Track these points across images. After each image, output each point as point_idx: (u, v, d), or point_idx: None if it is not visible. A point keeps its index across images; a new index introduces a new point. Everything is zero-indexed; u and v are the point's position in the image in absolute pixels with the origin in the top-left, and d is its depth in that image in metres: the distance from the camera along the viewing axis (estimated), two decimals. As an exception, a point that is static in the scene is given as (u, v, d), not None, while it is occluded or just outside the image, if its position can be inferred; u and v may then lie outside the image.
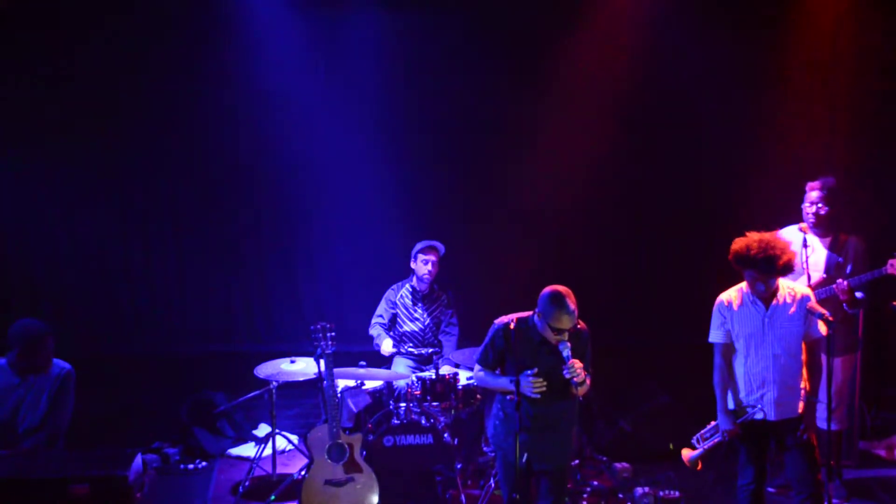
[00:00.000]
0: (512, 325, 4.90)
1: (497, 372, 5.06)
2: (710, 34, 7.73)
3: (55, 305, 7.92)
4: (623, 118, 8.01)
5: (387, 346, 7.06)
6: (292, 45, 7.94)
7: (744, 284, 5.16)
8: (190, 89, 7.87)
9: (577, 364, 4.71)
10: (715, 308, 5.23)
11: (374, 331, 7.18)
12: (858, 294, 6.10)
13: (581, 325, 4.91)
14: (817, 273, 6.15)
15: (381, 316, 7.21)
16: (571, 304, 4.71)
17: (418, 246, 7.09)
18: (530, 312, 4.90)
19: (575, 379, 4.70)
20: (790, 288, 5.13)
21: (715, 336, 5.23)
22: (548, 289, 4.79)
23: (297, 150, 8.09)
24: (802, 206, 6.25)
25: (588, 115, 7.97)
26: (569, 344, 4.73)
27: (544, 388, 4.78)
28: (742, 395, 5.15)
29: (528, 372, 4.81)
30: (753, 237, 4.99)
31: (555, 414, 4.92)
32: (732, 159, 7.91)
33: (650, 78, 7.95)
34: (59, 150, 7.85)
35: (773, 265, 4.92)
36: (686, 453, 5.40)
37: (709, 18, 7.74)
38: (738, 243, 5.02)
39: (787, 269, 4.98)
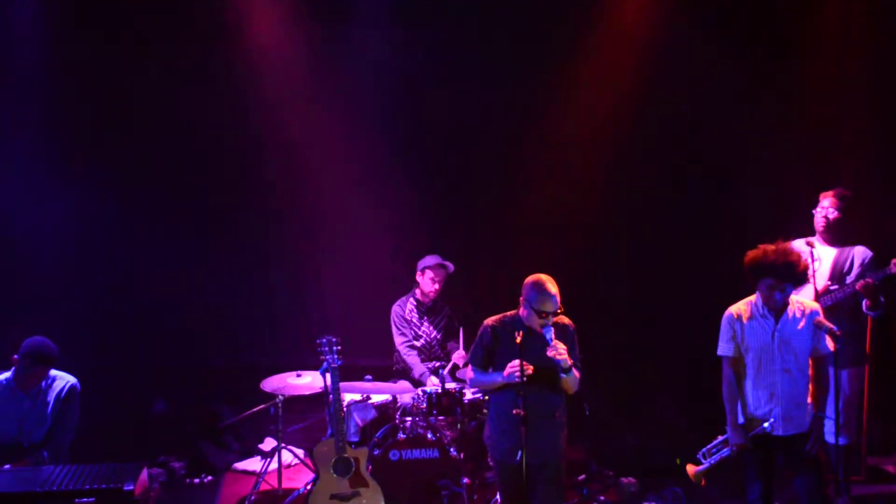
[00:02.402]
0: (499, 321, 5.07)
1: (490, 371, 5.10)
2: (719, 49, 7.75)
3: (61, 317, 7.90)
4: (630, 132, 8.03)
5: (419, 370, 7.00)
6: (299, 59, 7.99)
7: (753, 297, 5.14)
8: (198, 102, 7.89)
9: (561, 345, 4.82)
10: (724, 321, 5.21)
11: (411, 359, 7.09)
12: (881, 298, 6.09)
13: (567, 320, 5.04)
14: (822, 281, 6.16)
15: (404, 335, 7.13)
16: (553, 287, 4.89)
17: (429, 262, 7.06)
18: (515, 311, 5.05)
19: (557, 357, 4.79)
20: (799, 302, 5.13)
21: (724, 349, 5.21)
22: (529, 277, 4.98)
23: (303, 162, 8.11)
24: (813, 212, 6.28)
25: (595, 128, 8.00)
26: (552, 328, 4.86)
27: (530, 371, 4.83)
28: (750, 409, 5.13)
29: (512, 363, 4.89)
30: (769, 246, 5.01)
31: (545, 407, 4.97)
32: (741, 172, 7.90)
33: (657, 92, 7.97)
34: (66, 161, 7.86)
35: (793, 271, 4.95)
36: (691, 468, 5.38)
37: (716, 33, 7.77)
38: (754, 252, 5.04)
39: (804, 277, 5.03)
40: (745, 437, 5.11)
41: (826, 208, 6.22)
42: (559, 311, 4.90)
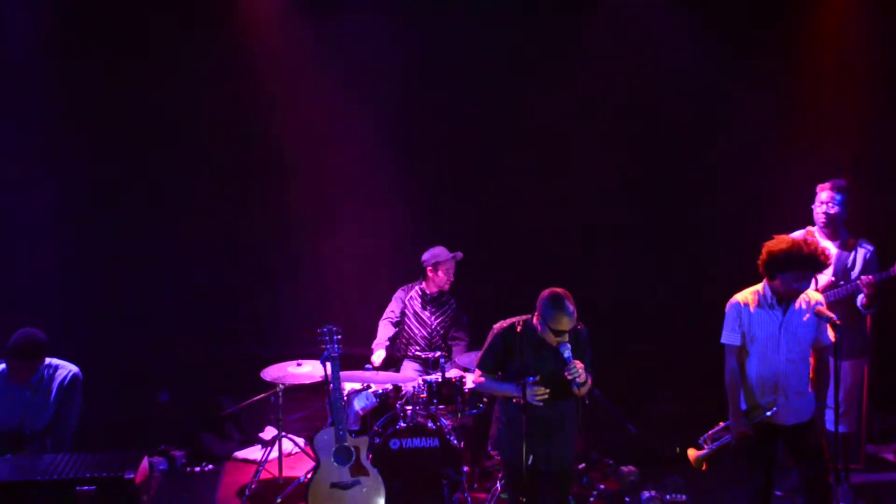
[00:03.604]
0: (511, 329, 4.89)
1: (497, 376, 5.04)
2: (719, 41, 7.76)
3: (62, 308, 7.91)
4: (632, 124, 8.04)
5: (377, 357, 7.03)
6: (302, 49, 7.98)
7: (759, 287, 5.12)
8: (198, 95, 7.87)
9: (579, 365, 4.69)
10: (730, 309, 5.17)
11: (381, 326, 7.17)
12: None
13: (580, 325, 4.87)
14: (825, 276, 6.14)
15: (392, 312, 7.20)
16: (571, 305, 4.69)
17: (442, 257, 7.04)
18: (529, 316, 4.89)
19: (577, 380, 4.68)
20: (804, 293, 5.12)
21: (728, 337, 5.16)
22: (546, 291, 4.77)
23: (306, 153, 8.11)
24: (812, 208, 6.26)
25: (597, 120, 7.99)
26: (569, 345, 4.71)
27: (546, 396, 4.78)
28: (754, 397, 5.12)
29: (531, 379, 4.80)
30: (796, 238, 5.00)
31: (557, 415, 4.92)
32: (741, 163, 7.91)
33: (659, 85, 7.97)
34: (65, 156, 7.83)
35: (825, 261, 4.94)
36: (692, 453, 5.38)
37: (717, 25, 7.76)
38: (782, 244, 4.96)
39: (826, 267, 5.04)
40: (748, 425, 5.11)
41: (825, 203, 6.17)
42: (578, 327, 4.79)
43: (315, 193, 8.23)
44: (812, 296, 5.14)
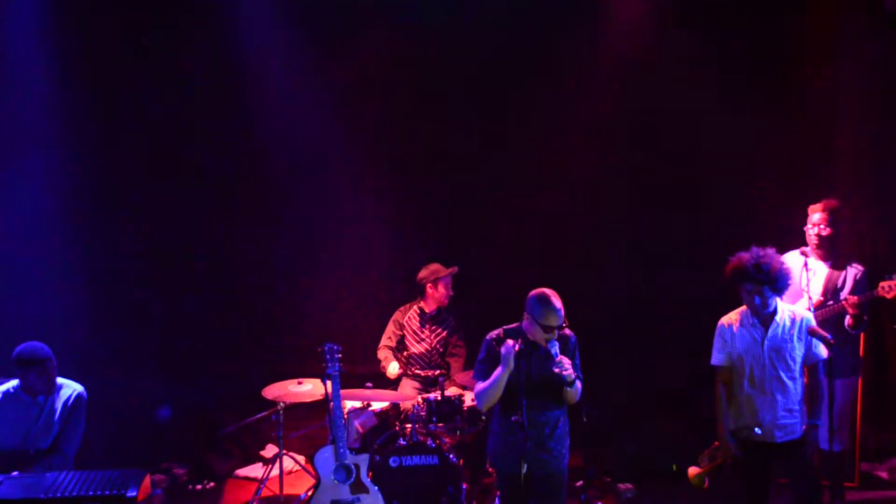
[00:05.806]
0: (501, 335, 5.05)
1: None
2: (712, 55, 7.79)
3: (63, 324, 7.90)
4: (625, 141, 8.05)
5: (393, 368, 7.12)
6: (296, 63, 8.01)
7: (744, 307, 5.21)
8: (202, 100, 7.92)
9: (566, 360, 4.84)
10: (716, 331, 5.30)
11: (382, 353, 7.25)
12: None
13: (569, 331, 5.05)
14: (816, 296, 6.20)
15: (389, 338, 7.28)
16: (558, 301, 4.89)
17: (440, 273, 7.15)
18: (518, 323, 5.05)
19: (563, 373, 4.81)
20: (790, 311, 5.19)
21: (716, 359, 5.28)
22: (533, 291, 4.97)
23: (304, 170, 8.14)
24: (805, 229, 6.31)
25: (591, 134, 8.00)
26: (557, 342, 4.87)
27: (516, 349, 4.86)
28: (743, 417, 5.19)
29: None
30: (745, 253, 5.09)
31: (550, 422, 5.01)
32: (735, 182, 7.93)
33: (652, 98, 7.98)
34: (64, 165, 7.83)
35: (765, 272, 4.99)
36: (692, 471, 5.43)
37: (709, 37, 7.80)
38: (733, 260, 5.13)
39: (781, 279, 5.05)
40: (736, 446, 5.18)
41: (817, 224, 6.23)
42: (564, 325, 4.93)
43: (315, 210, 8.26)
44: (799, 312, 5.21)
